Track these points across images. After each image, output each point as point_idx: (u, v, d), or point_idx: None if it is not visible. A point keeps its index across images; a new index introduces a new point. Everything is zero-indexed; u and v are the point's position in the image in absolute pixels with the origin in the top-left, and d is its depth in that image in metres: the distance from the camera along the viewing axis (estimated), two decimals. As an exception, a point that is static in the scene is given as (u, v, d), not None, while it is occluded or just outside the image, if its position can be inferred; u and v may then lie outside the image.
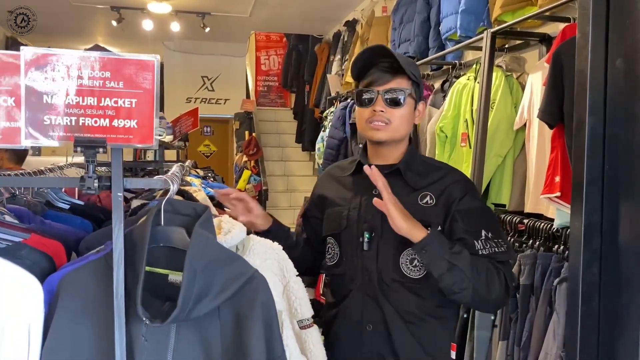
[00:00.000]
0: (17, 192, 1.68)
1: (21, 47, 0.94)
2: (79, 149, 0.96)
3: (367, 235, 1.46)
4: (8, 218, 1.45)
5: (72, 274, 1.08)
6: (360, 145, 4.24)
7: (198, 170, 4.12)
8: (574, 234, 0.87)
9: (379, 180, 1.36)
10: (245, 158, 7.01)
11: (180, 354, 1.03)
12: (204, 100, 8.71)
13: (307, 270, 1.56)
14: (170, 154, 4.09)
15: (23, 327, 1.03)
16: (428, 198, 1.45)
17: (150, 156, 5.17)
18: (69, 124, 0.96)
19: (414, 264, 1.42)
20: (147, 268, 1.03)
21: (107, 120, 0.97)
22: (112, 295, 1.00)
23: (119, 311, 0.99)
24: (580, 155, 0.85)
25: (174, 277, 1.07)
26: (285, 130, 8.14)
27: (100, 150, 0.97)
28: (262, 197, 6.74)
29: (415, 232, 1.34)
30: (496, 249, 1.38)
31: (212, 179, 3.70)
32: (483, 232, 1.39)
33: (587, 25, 0.84)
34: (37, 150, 8.21)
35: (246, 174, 6.70)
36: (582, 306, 0.84)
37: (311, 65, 7.13)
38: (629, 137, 0.80)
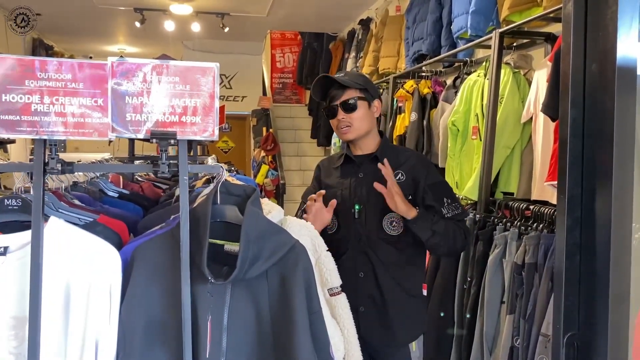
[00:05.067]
0: (78, 181, 1.92)
1: (108, 58, 1.16)
2: (154, 140, 1.17)
3: (357, 207, 1.95)
4: (76, 202, 1.69)
5: (144, 245, 1.30)
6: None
7: (221, 164, 4.35)
8: (559, 205, 1.06)
9: (388, 173, 1.83)
10: (263, 153, 7.23)
11: (235, 308, 1.24)
12: (222, 97, 8.94)
13: None
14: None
15: (105, 287, 1.24)
16: (400, 175, 1.93)
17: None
18: (146, 120, 1.17)
19: (392, 225, 1.91)
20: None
21: (177, 117, 1.18)
22: (179, 261, 1.21)
23: (185, 274, 1.20)
24: (564, 141, 1.05)
25: (230, 246, 1.28)
26: (300, 126, 8.33)
27: (172, 141, 1.18)
28: (279, 191, 6.97)
29: (410, 212, 1.81)
30: (456, 212, 1.89)
31: (235, 172, 3.93)
32: (445, 200, 1.89)
33: (569, 36, 1.03)
34: (63, 147, 8.52)
35: (264, 168, 6.93)
36: (566, 262, 1.04)
37: (326, 63, 7.32)
38: (601, 127, 1.00)
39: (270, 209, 1.49)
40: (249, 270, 1.20)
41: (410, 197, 1.89)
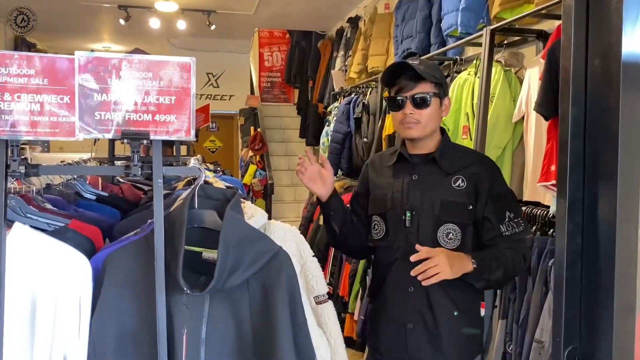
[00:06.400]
0: (52, 183, 1.82)
1: (75, 52, 1.07)
2: (125, 140, 1.09)
3: (408, 214, 1.71)
4: (48, 206, 1.59)
5: (116, 252, 1.22)
6: (365, 140, 4.38)
7: (208, 164, 4.26)
8: (559, 210, 0.99)
9: (423, 253, 1.56)
10: (251, 153, 7.14)
11: (214, 320, 1.16)
12: (209, 96, 8.83)
13: (358, 248, 1.88)
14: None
15: (74, 299, 1.16)
16: (460, 181, 1.69)
17: (151, 152, 5.32)
18: (116, 118, 1.09)
19: (449, 237, 1.67)
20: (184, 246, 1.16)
21: (150, 115, 1.10)
22: (154, 270, 1.13)
23: (159, 283, 1.12)
24: (565, 141, 0.98)
25: (208, 254, 1.20)
26: (289, 125, 8.25)
27: (144, 141, 1.10)
28: (267, 191, 6.88)
29: (466, 267, 1.57)
30: (516, 229, 1.65)
31: (221, 173, 3.83)
32: (507, 214, 1.65)
33: (569, 29, 0.97)
34: (46, 148, 8.37)
35: (252, 168, 6.84)
36: (566, 271, 0.97)
37: (314, 61, 7.24)
38: (605, 126, 0.93)
39: (253, 213, 1.41)
40: (228, 280, 1.12)
41: (471, 206, 1.67)
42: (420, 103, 1.68)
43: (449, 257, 1.55)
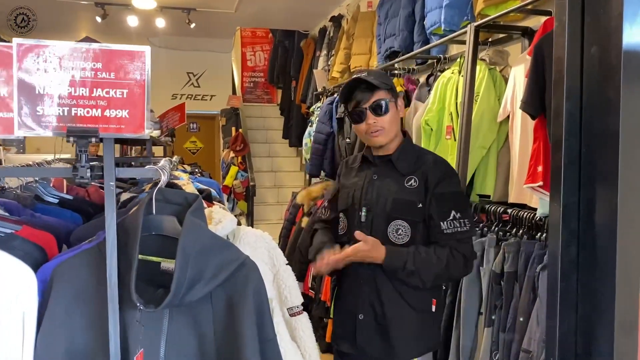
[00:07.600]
0: (7, 186, 1.69)
1: (13, 39, 0.95)
2: (71, 139, 0.97)
3: (364, 210, 1.82)
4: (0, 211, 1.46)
5: (66, 263, 1.10)
6: (348, 140, 4.28)
7: (185, 166, 4.12)
8: (553, 215, 0.90)
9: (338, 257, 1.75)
10: (232, 154, 7.00)
11: (174, 337, 1.05)
12: (189, 96, 8.67)
13: None
14: (157, 151, 4.08)
15: (17, 315, 1.04)
16: (413, 181, 1.79)
17: (133, 154, 5.15)
18: (61, 114, 0.97)
19: (398, 233, 1.77)
20: (140, 256, 1.05)
21: (99, 110, 0.98)
22: (106, 282, 1.01)
23: (112, 297, 1.01)
24: (559, 139, 0.88)
25: (167, 264, 1.09)
26: (272, 126, 8.13)
27: (93, 139, 0.99)
28: (249, 193, 6.75)
29: (380, 255, 1.71)
30: (459, 229, 1.72)
31: (199, 175, 3.70)
32: (452, 213, 1.72)
33: (563, 14, 0.87)
34: (22, 148, 8.12)
35: (233, 170, 6.70)
36: (561, 283, 0.87)
37: (297, 61, 7.13)
38: (603, 121, 0.84)
39: (221, 218, 1.30)
40: (188, 293, 1.01)
41: (420, 205, 1.75)
42: (380, 110, 1.78)
43: (373, 245, 1.71)
